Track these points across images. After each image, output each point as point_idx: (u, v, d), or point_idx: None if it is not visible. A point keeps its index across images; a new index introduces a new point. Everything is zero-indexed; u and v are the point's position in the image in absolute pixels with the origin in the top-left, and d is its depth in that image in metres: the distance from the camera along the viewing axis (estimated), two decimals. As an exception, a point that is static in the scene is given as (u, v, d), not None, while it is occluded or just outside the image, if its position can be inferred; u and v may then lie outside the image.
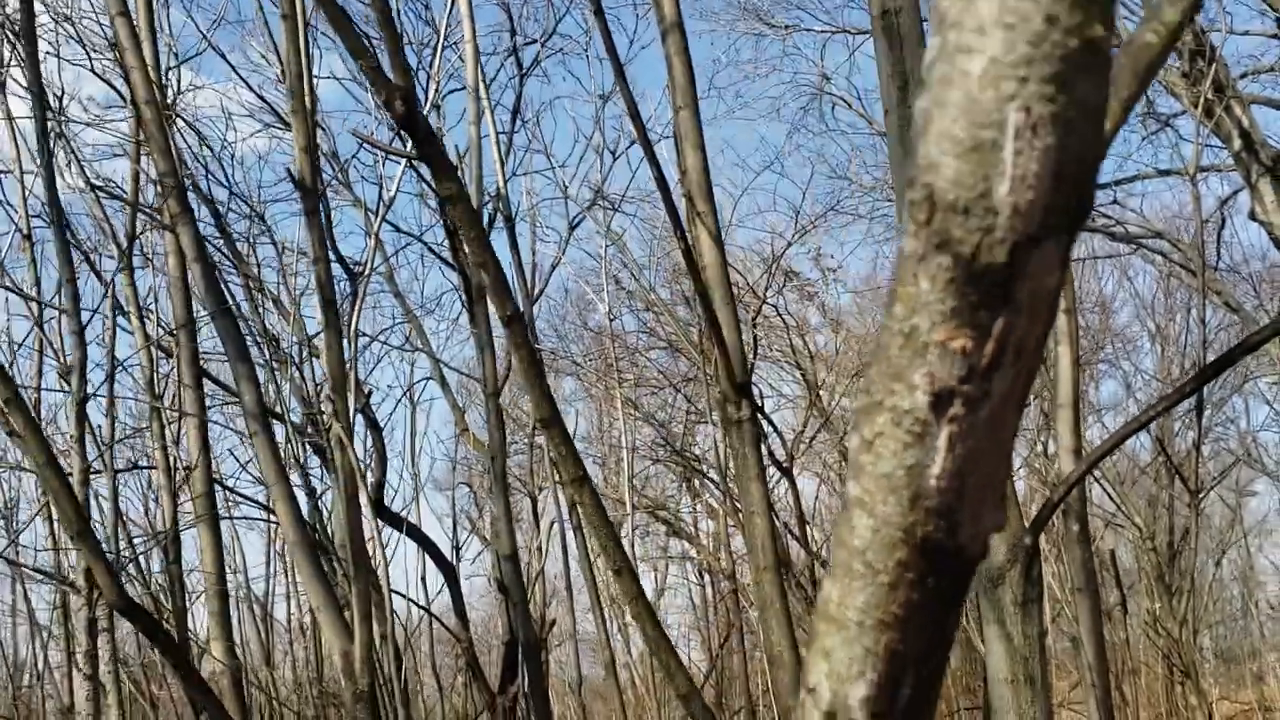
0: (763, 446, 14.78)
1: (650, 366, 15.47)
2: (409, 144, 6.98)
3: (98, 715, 2.99)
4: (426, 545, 13.26)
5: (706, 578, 18.44)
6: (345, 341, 4.18)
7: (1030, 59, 0.35)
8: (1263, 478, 20.84)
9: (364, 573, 3.90)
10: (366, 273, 5.75)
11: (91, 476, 4.58)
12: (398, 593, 9.14)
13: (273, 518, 12.17)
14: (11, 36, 6.13)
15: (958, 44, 0.36)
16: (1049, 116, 0.35)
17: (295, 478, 6.70)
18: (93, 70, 7.67)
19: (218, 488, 7.61)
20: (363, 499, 4.26)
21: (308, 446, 7.70)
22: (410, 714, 7.45)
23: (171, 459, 6.35)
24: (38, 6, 5.95)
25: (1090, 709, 3.52)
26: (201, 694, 2.01)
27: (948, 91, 0.36)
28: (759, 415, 14.71)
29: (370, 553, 4.49)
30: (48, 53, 7.28)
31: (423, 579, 17.35)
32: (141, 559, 5.85)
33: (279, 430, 5.88)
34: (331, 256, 5.08)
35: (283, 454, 5.00)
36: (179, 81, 7.52)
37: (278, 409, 6.23)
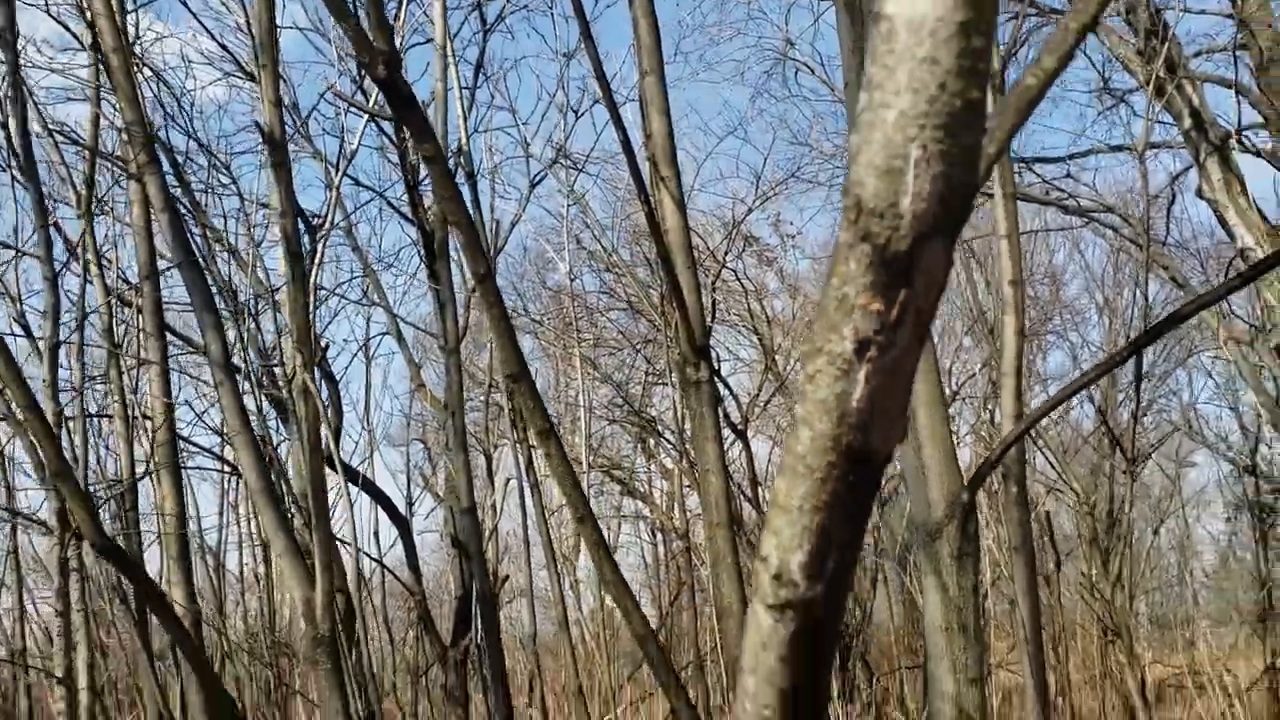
0: (719, 408, 14.89)
1: (609, 327, 15.58)
2: (372, 99, 6.98)
3: (69, 651, 3.07)
4: (381, 499, 13.33)
5: (659, 536, 18.69)
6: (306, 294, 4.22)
7: (928, 113, 0.53)
8: (1202, 450, 21.41)
9: (325, 522, 3.99)
10: (327, 226, 5.78)
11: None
12: (348, 544, 9.22)
13: (226, 469, 12.17)
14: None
15: (880, 100, 0.54)
16: (939, 153, 0.51)
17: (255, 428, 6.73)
18: (47, 11, 7.55)
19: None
20: (327, 445, 4.33)
21: (264, 399, 7.72)
22: (363, 662, 7.57)
23: (129, 408, 6.35)
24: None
25: (1023, 663, 3.69)
26: (176, 631, 2.09)
27: (872, 132, 0.54)
28: (716, 378, 14.86)
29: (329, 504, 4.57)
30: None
31: (375, 534, 17.37)
32: (101, 505, 5.88)
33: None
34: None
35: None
36: (138, 26, 7.43)
37: (235, 361, 6.25)
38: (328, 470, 5.50)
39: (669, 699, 2.90)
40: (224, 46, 8.09)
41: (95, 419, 5.62)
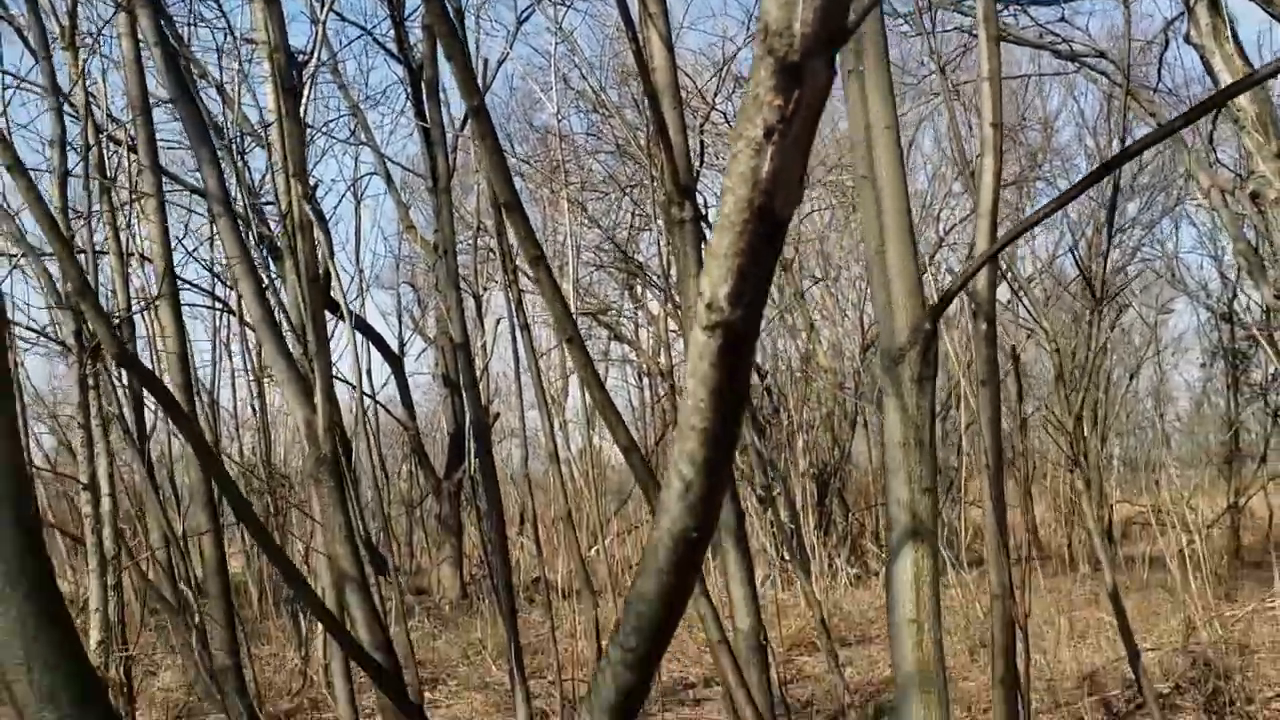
0: (703, 247, 14.98)
1: (597, 170, 15.52)
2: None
3: (92, 460, 3.29)
4: (373, 337, 13.57)
5: (645, 380, 19.06)
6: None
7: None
8: (1184, 298, 21.69)
9: (325, 349, 4.17)
10: (314, 63, 5.77)
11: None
12: (345, 381, 9.46)
13: (218, 305, 12.30)
14: None
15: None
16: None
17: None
18: None
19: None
20: (325, 273, 4.48)
21: (256, 237, 7.80)
22: (358, 490, 7.88)
23: (123, 242, 6.45)
24: None
25: (984, 487, 3.93)
26: (196, 441, 2.27)
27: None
28: (702, 218, 14.92)
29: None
30: None
31: (368, 372, 17.69)
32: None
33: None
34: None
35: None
36: None
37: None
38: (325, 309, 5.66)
39: (652, 508, 3.12)
40: None
41: (89, 255, 5.74)
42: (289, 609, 10.19)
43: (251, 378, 11.05)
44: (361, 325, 12.32)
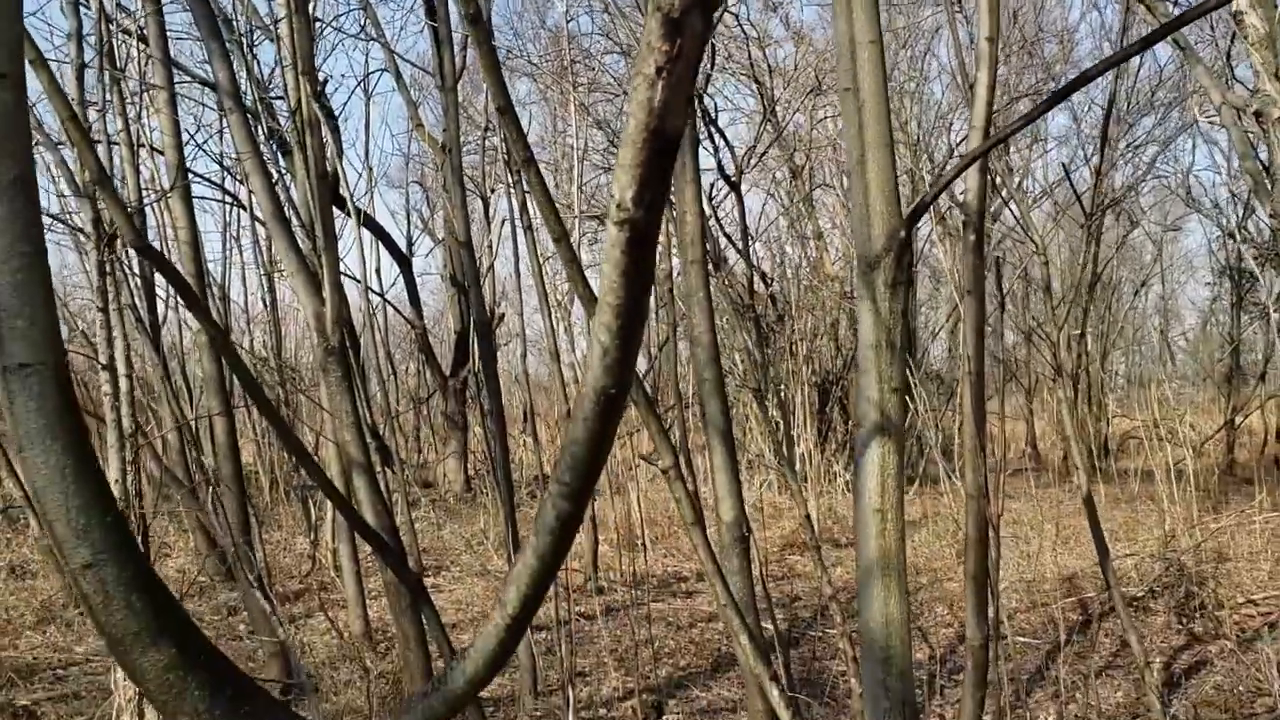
0: (714, 160, 14.94)
1: (606, 72, 15.40)
2: None
3: (110, 342, 3.45)
4: (382, 235, 13.67)
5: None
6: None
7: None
8: (1194, 216, 21.61)
9: (333, 243, 4.31)
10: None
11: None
12: (352, 277, 9.61)
13: (228, 199, 12.39)
14: None
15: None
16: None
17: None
18: None
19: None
20: (333, 170, 4.60)
21: (263, 131, 7.89)
22: (366, 384, 8.09)
23: (133, 134, 6.56)
24: None
25: (963, 388, 4.09)
26: (208, 322, 2.43)
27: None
28: (712, 125, 14.76)
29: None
30: None
31: (377, 271, 17.78)
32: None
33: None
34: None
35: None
36: None
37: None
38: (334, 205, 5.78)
39: (645, 422, 3.30)
40: None
41: (105, 145, 5.82)
42: (299, 496, 10.51)
43: (261, 272, 11.20)
44: (369, 223, 12.41)
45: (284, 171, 8.10)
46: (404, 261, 14.49)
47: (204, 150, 10.57)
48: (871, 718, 2.94)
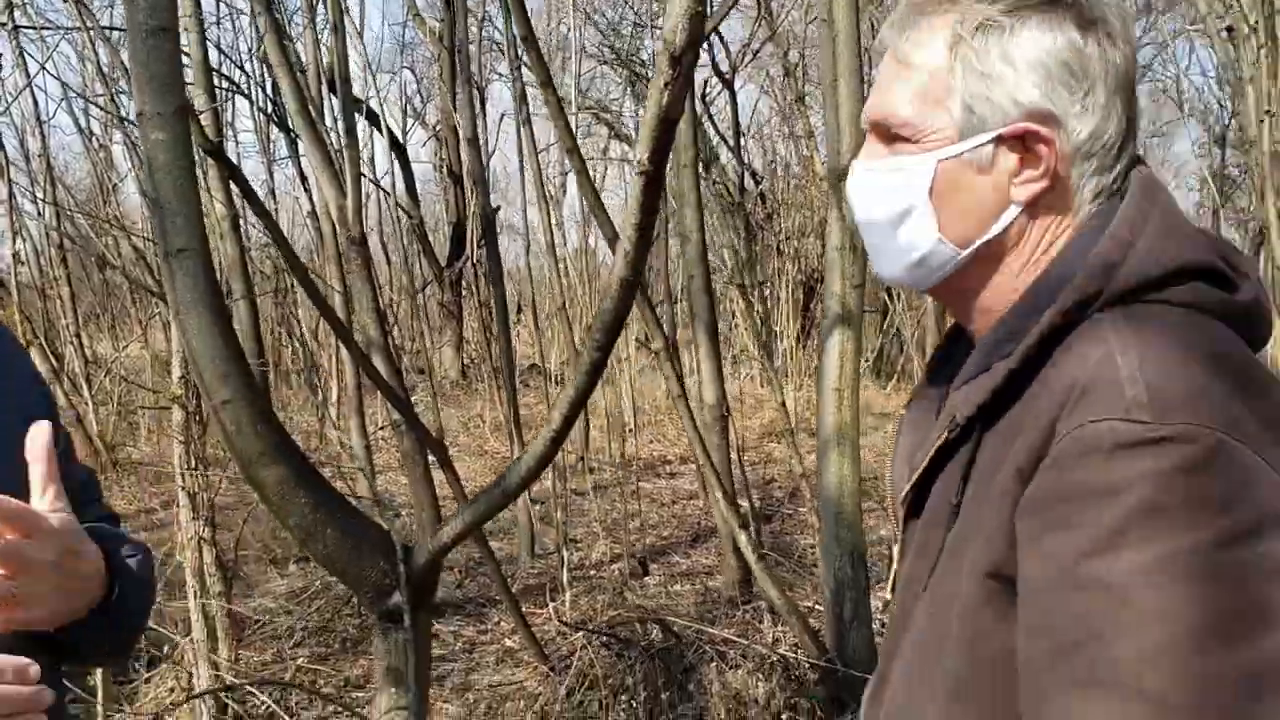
0: (707, 56, 15.10)
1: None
2: None
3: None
4: (378, 124, 13.83)
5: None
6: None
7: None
8: (1188, 123, 21.84)
9: (355, 140, 4.69)
10: None
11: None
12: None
13: (228, 85, 12.55)
14: None
15: None
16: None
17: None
18: None
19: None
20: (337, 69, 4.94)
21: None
22: (372, 275, 8.49)
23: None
24: None
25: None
26: (267, 219, 2.84)
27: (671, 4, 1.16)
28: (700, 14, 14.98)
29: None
30: None
31: (371, 160, 17.98)
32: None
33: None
34: None
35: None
36: None
37: None
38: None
39: (640, 311, 3.73)
40: None
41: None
42: (307, 380, 10.98)
43: (262, 159, 11.44)
44: (367, 113, 12.61)
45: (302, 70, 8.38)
46: (400, 151, 14.71)
47: (225, 55, 10.67)
48: (826, 563, 3.47)
